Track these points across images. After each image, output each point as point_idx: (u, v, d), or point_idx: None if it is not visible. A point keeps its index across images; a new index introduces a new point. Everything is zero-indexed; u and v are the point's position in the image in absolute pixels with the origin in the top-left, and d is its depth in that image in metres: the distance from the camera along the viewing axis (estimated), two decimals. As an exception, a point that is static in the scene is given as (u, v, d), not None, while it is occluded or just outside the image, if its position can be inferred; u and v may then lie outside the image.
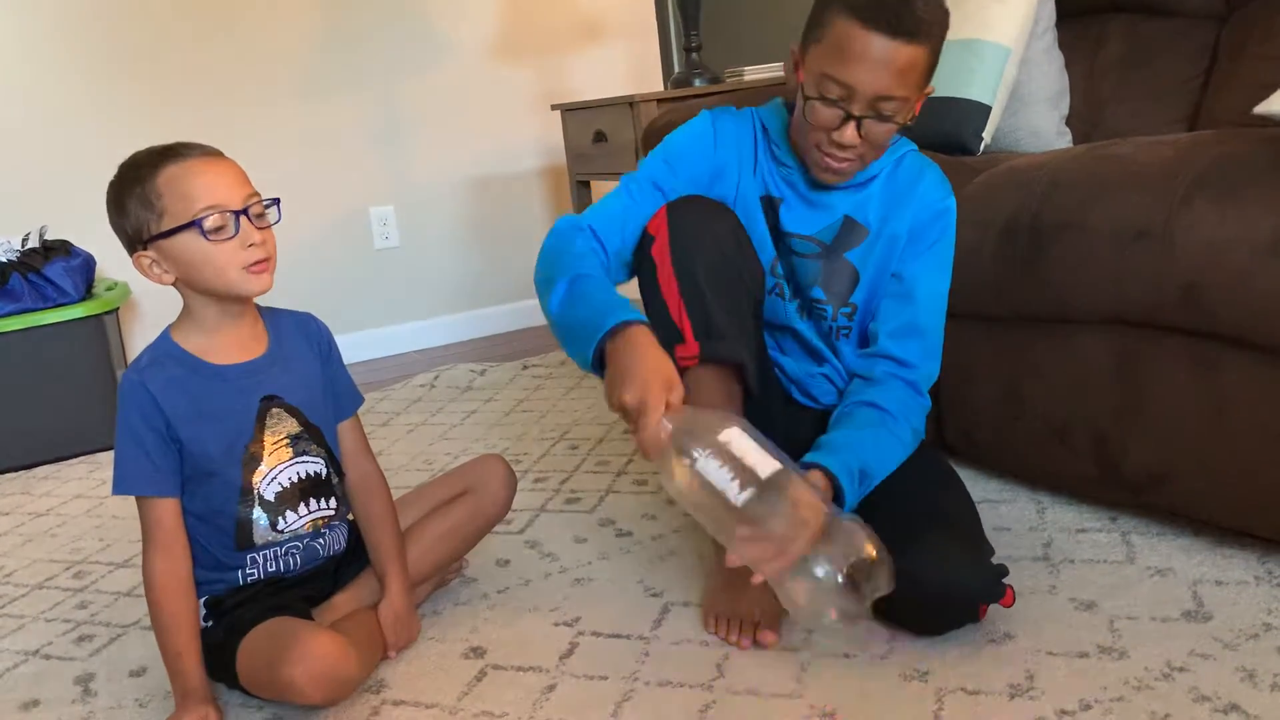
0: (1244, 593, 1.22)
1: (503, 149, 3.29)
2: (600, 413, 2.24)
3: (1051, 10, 1.89)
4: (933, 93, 1.23)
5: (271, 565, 1.24)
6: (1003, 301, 1.45)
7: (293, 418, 1.25)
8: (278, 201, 1.19)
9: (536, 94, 3.30)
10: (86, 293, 2.43)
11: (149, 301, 2.75)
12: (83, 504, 2.06)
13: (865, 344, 1.32)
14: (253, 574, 1.23)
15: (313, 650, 1.11)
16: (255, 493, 1.22)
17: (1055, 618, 1.21)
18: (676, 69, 3.38)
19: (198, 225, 1.12)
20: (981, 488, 1.59)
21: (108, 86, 2.72)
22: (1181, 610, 1.20)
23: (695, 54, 2.86)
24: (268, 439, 1.22)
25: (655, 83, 3.50)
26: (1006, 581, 1.18)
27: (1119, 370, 1.35)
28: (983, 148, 1.81)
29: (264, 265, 1.17)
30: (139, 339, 2.77)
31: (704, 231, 1.24)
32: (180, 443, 1.18)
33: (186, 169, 1.13)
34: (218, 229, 1.13)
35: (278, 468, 1.23)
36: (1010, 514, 1.51)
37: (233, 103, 2.87)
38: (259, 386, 1.22)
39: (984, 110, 1.79)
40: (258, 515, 1.22)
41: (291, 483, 1.24)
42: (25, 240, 2.47)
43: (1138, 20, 1.94)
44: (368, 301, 3.14)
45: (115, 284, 2.58)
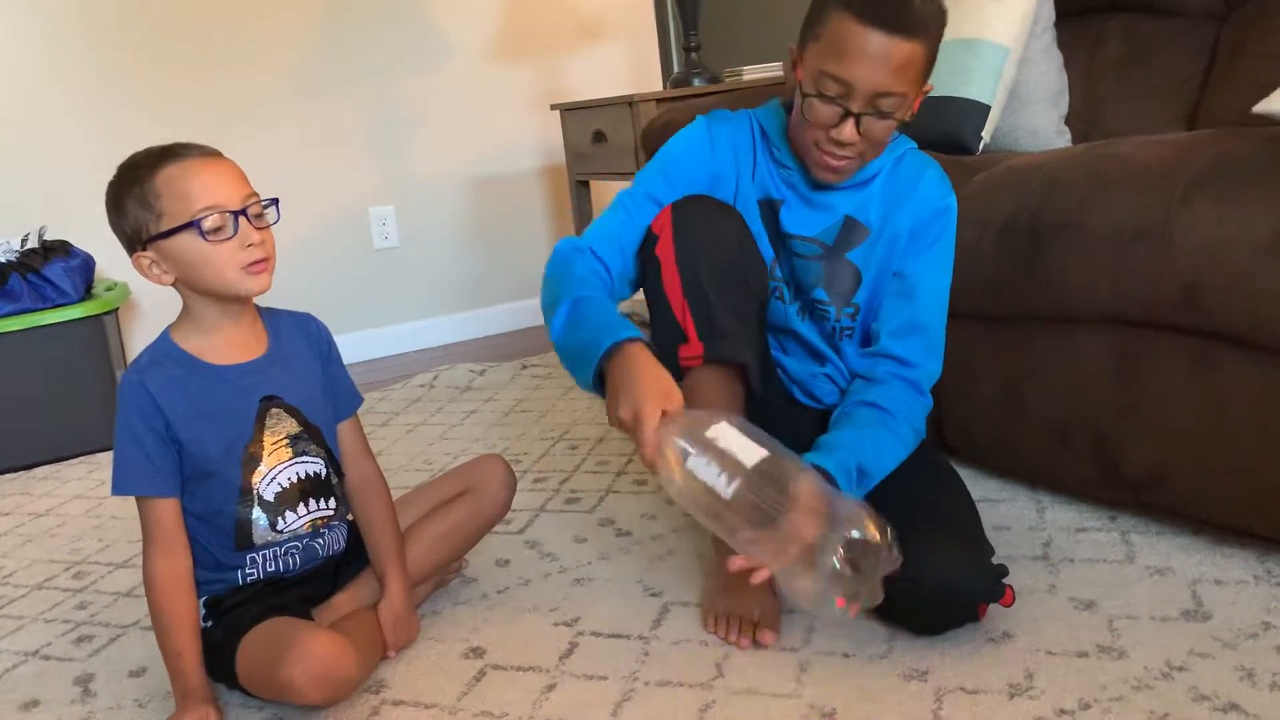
0: (1243, 592, 1.22)
1: (502, 149, 3.29)
2: (600, 413, 2.24)
3: (1050, 9, 1.89)
4: (931, 90, 1.23)
5: (271, 565, 1.24)
6: (1002, 301, 1.45)
7: (292, 418, 1.25)
8: (276, 201, 1.19)
9: (536, 94, 3.30)
10: (86, 293, 2.43)
11: (148, 302, 2.75)
12: (82, 504, 2.06)
13: (868, 343, 1.32)
14: (252, 574, 1.23)
15: (312, 650, 1.11)
16: (255, 493, 1.22)
17: (1055, 617, 1.21)
18: (676, 69, 3.39)
19: (196, 225, 1.12)
20: (981, 487, 1.59)
21: (107, 86, 2.72)
22: (1181, 609, 1.20)
23: (694, 54, 2.86)
24: (267, 439, 1.22)
25: (654, 82, 3.50)
26: (1006, 581, 1.18)
27: (1119, 370, 1.35)
28: (981, 147, 1.81)
29: (263, 265, 1.17)
30: (139, 339, 2.77)
31: (708, 231, 1.24)
32: (180, 443, 1.18)
33: (185, 169, 1.13)
34: (216, 229, 1.13)
35: (277, 468, 1.23)
36: (1010, 513, 1.51)
37: (232, 103, 2.87)
38: (258, 387, 1.22)
39: (983, 109, 1.79)
40: (257, 515, 1.22)
41: (291, 483, 1.24)
42: (25, 241, 2.46)
43: (1137, 19, 1.93)
44: (367, 301, 3.14)
45: (115, 284, 2.57)
